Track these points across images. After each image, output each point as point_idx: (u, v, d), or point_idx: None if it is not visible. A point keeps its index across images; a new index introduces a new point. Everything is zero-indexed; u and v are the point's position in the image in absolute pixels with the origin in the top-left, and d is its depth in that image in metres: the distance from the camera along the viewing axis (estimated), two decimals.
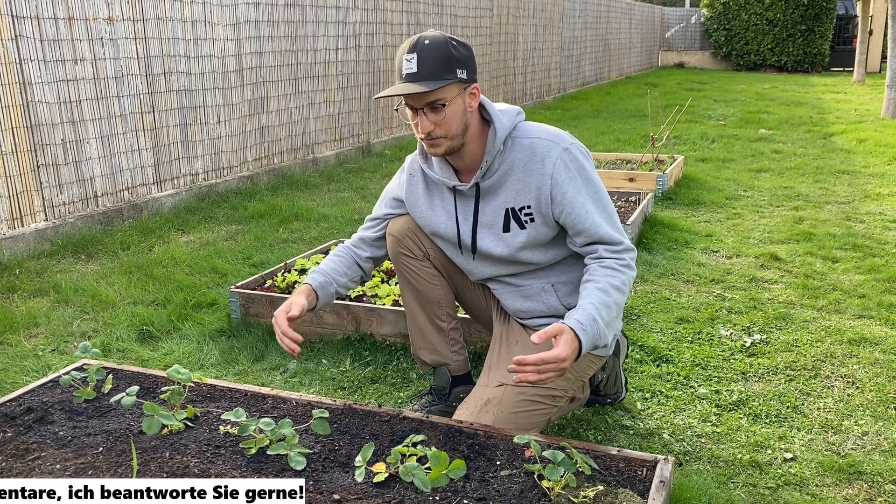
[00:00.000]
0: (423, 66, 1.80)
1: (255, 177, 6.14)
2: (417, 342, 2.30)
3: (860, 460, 2.15)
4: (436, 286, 2.21)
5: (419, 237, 2.16)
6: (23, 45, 4.17)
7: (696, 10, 23.87)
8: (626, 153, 6.62)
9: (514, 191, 1.96)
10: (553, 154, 1.92)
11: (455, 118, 1.88)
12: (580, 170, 1.93)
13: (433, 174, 2.04)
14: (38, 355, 2.91)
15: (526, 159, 1.94)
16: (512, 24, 11.36)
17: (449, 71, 1.82)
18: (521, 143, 1.95)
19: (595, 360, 2.08)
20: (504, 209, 1.98)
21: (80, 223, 4.56)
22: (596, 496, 1.58)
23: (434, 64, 1.80)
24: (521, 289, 2.09)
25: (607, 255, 1.92)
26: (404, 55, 1.83)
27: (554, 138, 1.95)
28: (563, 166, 1.91)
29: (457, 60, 1.83)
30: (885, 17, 18.64)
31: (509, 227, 1.99)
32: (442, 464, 1.62)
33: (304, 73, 6.69)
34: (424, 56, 1.80)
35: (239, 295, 3.09)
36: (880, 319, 3.20)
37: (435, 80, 1.80)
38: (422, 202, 2.11)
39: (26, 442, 1.84)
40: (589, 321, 1.77)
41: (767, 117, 10.10)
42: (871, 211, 5.12)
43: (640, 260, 3.99)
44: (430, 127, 1.86)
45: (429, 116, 1.86)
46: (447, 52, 1.82)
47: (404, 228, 2.16)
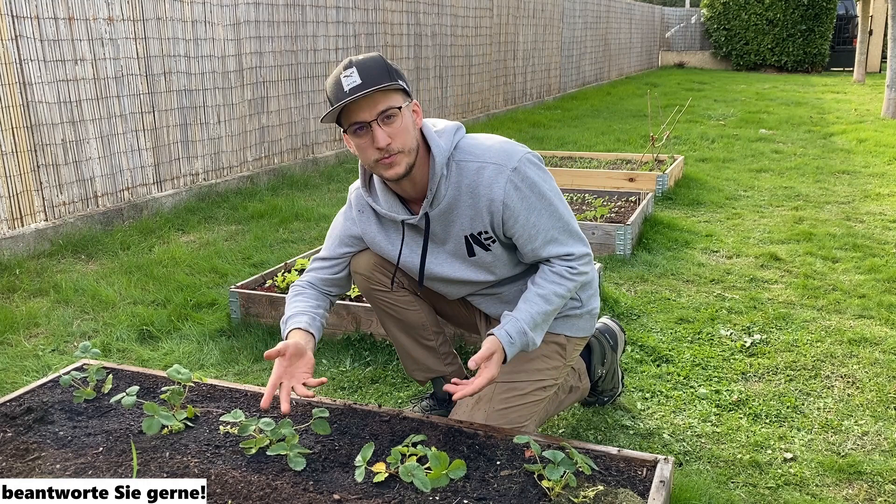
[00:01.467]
0: (366, 76, 1.72)
1: (255, 177, 6.14)
2: (409, 366, 2.26)
3: (860, 460, 2.15)
4: (416, 310, 2.17)
5: (387, 268, 2.09)
6: (23, 45, 4.17)
7: (696, 10, 23.87)
8: (626, 153, 6.62)
9: (467, 217, 1.89)
10: (501, 179, 1.83)
11: (408, 130, 1.79)
12: (531, 187, 1.85)
13: (380, 209, 1.95)
14: (38, 355, 2.91)
15: (473, 185, 1.85)
16: (512, 24, 11.36)
17: (391, 78, 1.75)
18: (466, 166, 1.86)
19: (580, 343, 2.10)
20: (463, 236, 1.92)
21: (80, 223, 4.56)
22: (596, 496, 1.58)
23: (376, 72, 1.73)
24: (499, 295, 2.08)
25: (558, 263, 1.91)
26: (341, 74, 1.75)
27: (501, 159, 1.85)
28: (513, 189, 1.83)
29: (395, 71, 1.78)
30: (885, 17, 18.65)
31: (473, 251, 1.94)
32: (442, 464, 1.62)
33: (304, 73, 6.69)
34: (364, 67, 1.73)
35: (239, 295, 3.09)
36: (880, 319, 3.20)
37: (381, 87, 1.72)
38: (379, 238, 2.02)
39: (26, 442, 1.84)
40: (519, 334, 1.84)
41: (767, 117, 10.10)
42: (871, 211, 5.12)
43: (640, 259, 3.99)
44: (386, 139, 1.74)
45: (383, 128, 1.75)
46: (384, 63, 1.77)
47: (370, 264, 2.08)
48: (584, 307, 2.06)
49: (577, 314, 2.05)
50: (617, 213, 4.50)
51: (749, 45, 20.59)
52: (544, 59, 12.92)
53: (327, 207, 5.34)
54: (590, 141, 8.19)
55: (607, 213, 4.46)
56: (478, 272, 1.99)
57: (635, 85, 15.82)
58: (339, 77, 1.75)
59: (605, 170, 5.74)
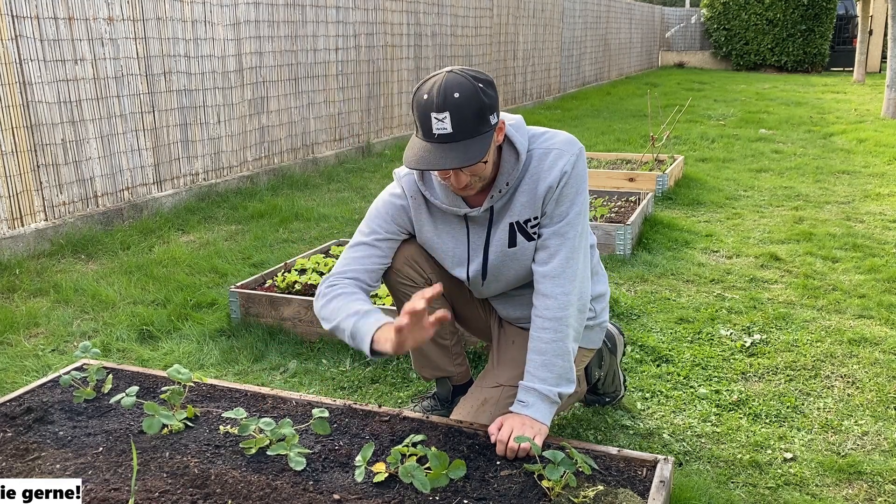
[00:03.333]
0: (458, 125, 1.64)
1: (255, 177, 6.14)
2: (419, 361, 2.23)
3: (860, 460, 2.15)
4: (438, 309, 2.15)
5: (419, 264, 2.02)
6: (23, 45, 4.17)
7: (696, 10, 23.86)
8: (626, 153, 6.62)
9: (520, 203, 1.86)
10: (564, 159, 1.83)
11: (489, 164, 1.77)
12: (579, 177, 1.86)
13: (439, 203, 1.89)
14: (38, 355, 2.91)
15: (536, 170, 1.84)
16: (512, 24, 11.36)
17: (484, 123, 1.67)
18: (533, 153, 1.85)
19: (587, 354, 2.09)
20: (509, 224, 1.88)
21: (80, 223, 4.56)
22: (596, 496, 1.58)
23: (470, 119, 1.64)
24: (520, 298, 2.05)
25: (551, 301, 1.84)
26: (433, 114, 1.64)
27: (565, 146, 1.86)
28: (571, 167, 1.83)
29: (489, 108, 1.68)
30: (885, 17, 18.65)
31: (515, 241, 1.89)
32: (442, 463, 1.62)
33: (304, 73, 6.69)
34: (459, 116, 1.63)
35: (239, 295, 3.09)
36: (880, 319, 3.20)
37: (473, 139, 1.65)
38: (427, 228, 1.96)
39: (26, 442, 1.83)
40: (534, 398, 1.81)
41: (767, 117, 10.10)
42: (871, 211, 5.12)
43: (640, 259, 3.99)
44: (466, 181, 1.75)
45: (465, 171, 1.73)
46: (479, 103, 1.65)
47: (404, 258, 2.00)
48: (597, 319, 2.06)
49: (590, 325, 2.04)
50: (617, 213, 4.50)
51: (749, 45, 20.59)
52: (544, 59, 12.91)
53: (327, 207, 5.34)
54: (590, 141, 8.20)
55: (607, 213, 4.46)
56: (513, 264, 1.92)
57: (635, 85, 15.81)
58: (429, 112, 1.65)
59: (605, 170, 5.74)
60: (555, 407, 1.83)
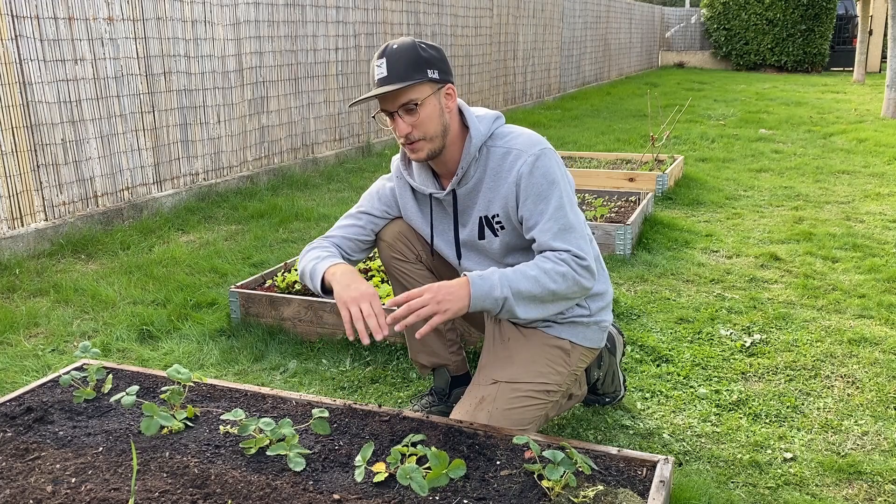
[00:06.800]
0: (392, 68, 1.84)
1: (255, 177, 6.14)
2: (415, 346, 2.31)
3: (860, 460, 2.15)
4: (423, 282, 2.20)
5: (410, 240, 2.17)
6: (23, 44, 4.17)
7: (696, 9, 23.87)
8: (626, 153, 6.62)
9: (486, 199, 1.98)
10: (521, 161, 1.91)
11: (431, 119, 1.89)
12: (545, 174, 1.90)
13: (412, 181, 2.06)
14: (38, 355, 2.91)
15: (497, 168, 1.95)
16: (512, 24, 11.36)
17: (418, 71, 1.85)
18: (494, 151, 1.96)
19: (587, 353, 2.09)
20: (478, 217, 2.01)
21: (80, 223, 4.56)
22: (596, 496, 1.58)
23: (402, 65, 1.84)
24: None
25: (552, 256, 1.89)
26: (375, 62, 1.87)
27: (525, 146, 1.93)
28: (528, 170, 1.89)
29: (426, 61, 1.87)
30: (885, 17, 18.65)
31: (484, 234, 2.02)
32: (441, 463, 1.62)
33: (304, 73, 6.69)
34: (393, 59, 1.84)
35: (239, 295, 3.09)
36: (880, 319, 3.20)
37: (404, 81, 1.83)
38: (411, 208, 2.13)
39: (26, 442, 1.83)
40: (490, 273, 1.81)
41: (767, 117, 10.10)
42: (871, 211, 5.12)
43: (639, 259, 3.99)
44: (406, 129, 1.88)
45: (404, 119, 1.87)
46: (415, 54, 1.85)
47: (395, 233, 2.16)
48: (592, 317, 2.05)
49: (584, 322, 2.04)
50: (617, 212, 4.51)
51: (749, 44, 20.59)
52: (544, 58, 12.91)
53: (327, 207, 5.34)
54: (590, 141, 8.19)
55: (607, 212, 4.46)
56: (483, 255, 2.05)
57: (635, 85, 15.82)
58: (374, 65, 1.88)
59: (605, 170, 5.74)
60: (491, 303, 1.81)
